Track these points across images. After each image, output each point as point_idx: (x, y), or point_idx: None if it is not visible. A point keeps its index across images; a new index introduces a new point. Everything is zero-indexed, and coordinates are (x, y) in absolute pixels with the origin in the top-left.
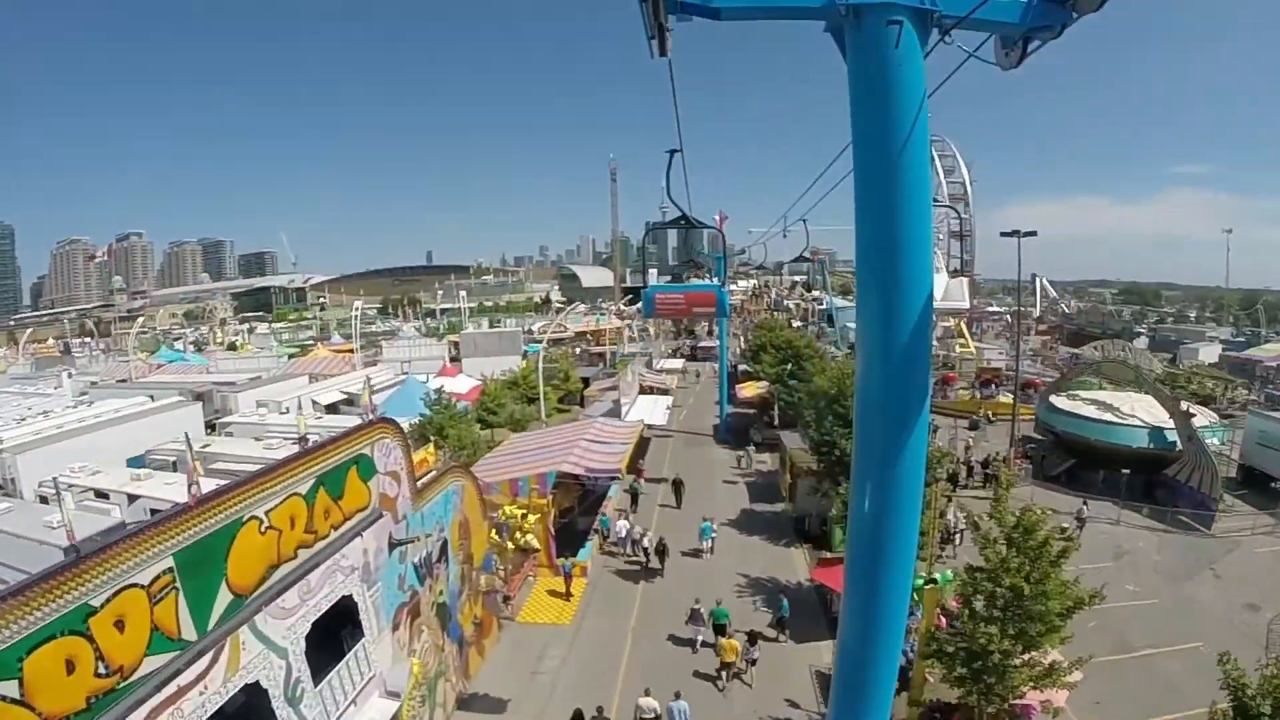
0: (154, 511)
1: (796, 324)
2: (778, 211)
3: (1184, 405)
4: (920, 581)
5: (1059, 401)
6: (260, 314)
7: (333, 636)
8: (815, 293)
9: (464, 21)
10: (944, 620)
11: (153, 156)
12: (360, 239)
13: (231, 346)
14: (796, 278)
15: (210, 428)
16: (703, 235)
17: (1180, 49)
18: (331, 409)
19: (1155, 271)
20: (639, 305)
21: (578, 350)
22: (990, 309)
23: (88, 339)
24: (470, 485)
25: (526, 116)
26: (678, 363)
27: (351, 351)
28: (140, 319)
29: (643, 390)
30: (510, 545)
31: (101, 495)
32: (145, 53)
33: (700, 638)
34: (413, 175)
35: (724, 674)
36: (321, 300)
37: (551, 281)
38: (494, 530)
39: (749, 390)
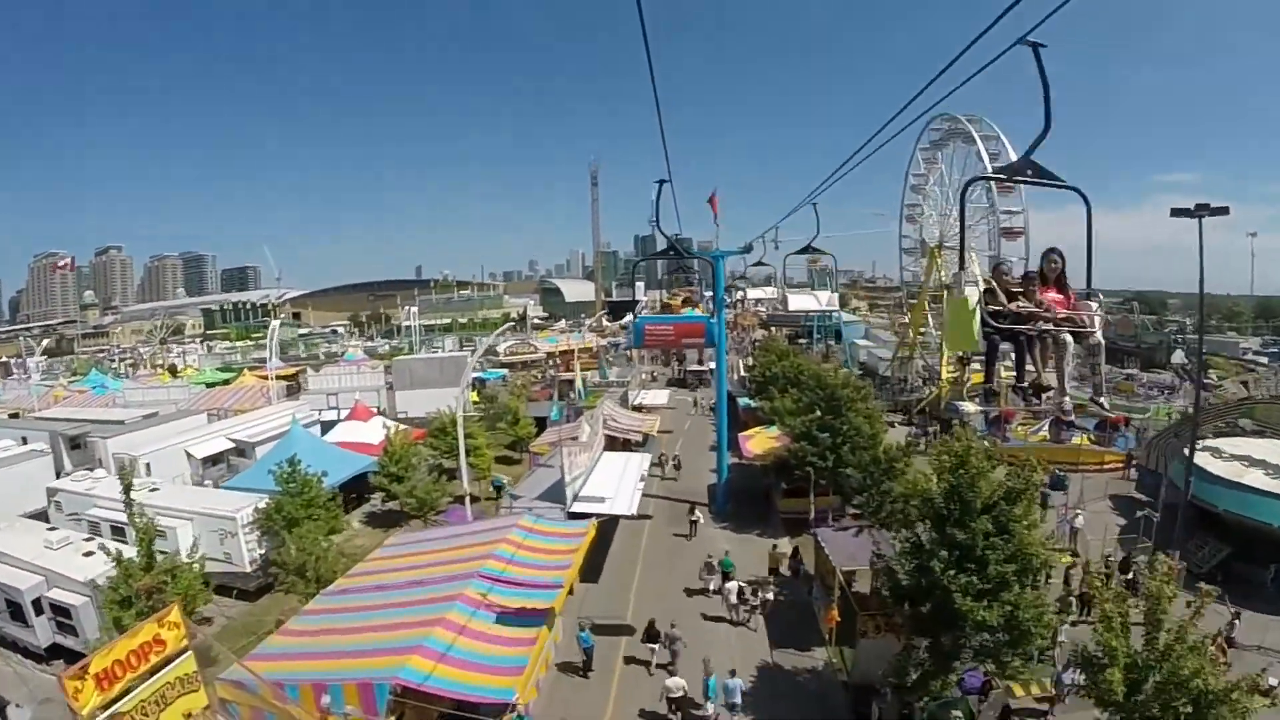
0: None
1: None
2: (774, 213)
3: None
4: None
5: (1210, 463)
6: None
7: None
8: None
9: (463, 38)
10: None
11: (141, 170)
12: (350, 255)
13: (172, 370)
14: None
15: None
16: (693, 248)
17: (1161, 59)
18: (214, 461)
19: (1146, 279)
20: (621, 321)
21: (545, 375)
22: None
23: (39, 358)
24: None
25: (520, 132)
26: (664, 393)
27: (287, 378)
28: (46, 340)
29: (611, 442)
30: None
31: None
32: (133, 64)
33: (712, 585)
34: (405, 190)
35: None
36: (282, 316)
37: (532, 295)
38: None
39: (760, 444)
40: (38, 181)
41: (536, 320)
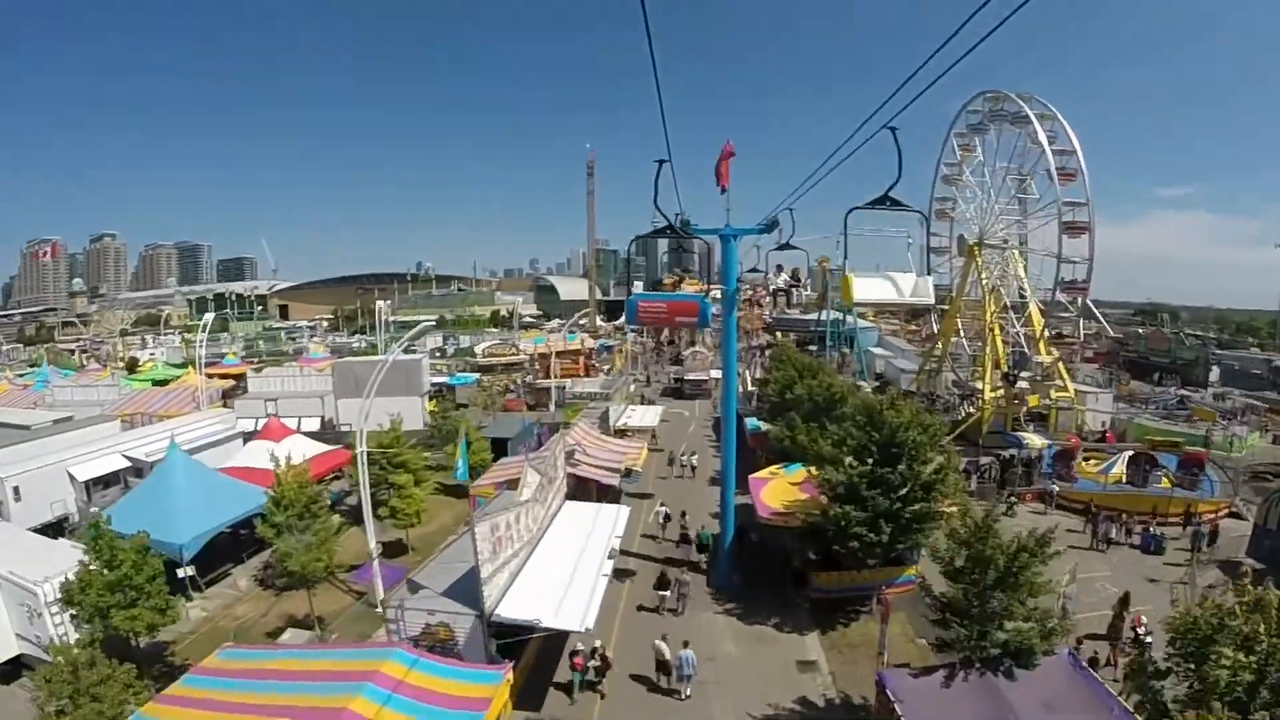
0: None
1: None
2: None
3: None
4: None
5: None
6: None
7: None
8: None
9: (475, 35)
10: None
11: (142, 159)
12: (352, 250)
13: (132, 365)
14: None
15: None
16: (694, 243)
17: (1158, 74)
18: (107, 483)
19: (1147, 291)
20: (616, 321)
21: (522, 382)
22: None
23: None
24: None
25: (525, 131)
26: (655, 410)
27: (236, 378)
28: None
29: (576, 490)
30: None
31: None
32: (135, 52)
33: (690, 557)
34: (409, 187)
35: None
36: (260, 309)
37: (526, 292)
38: None
39: (778, 494)
40: (37, 168)
41: (528, 318)
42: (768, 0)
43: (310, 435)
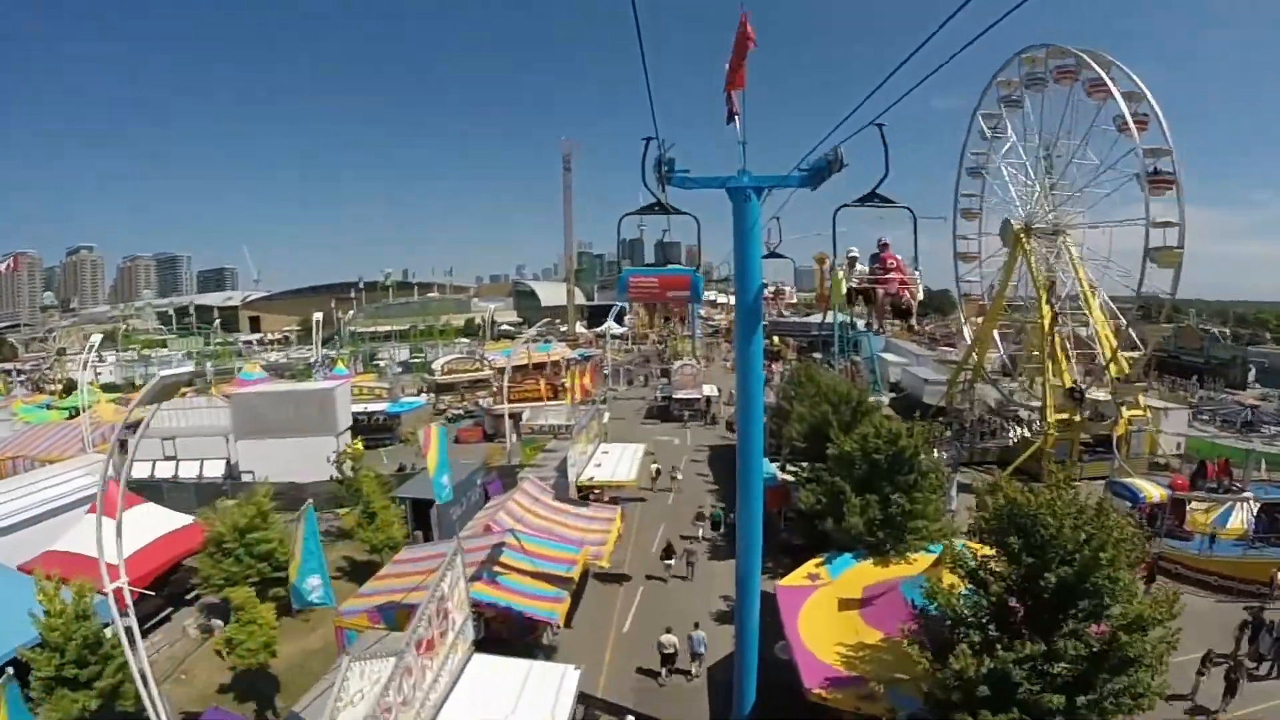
0: None
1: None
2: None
3: None
4: None
5: None
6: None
7: None
8: None
9: (465, 40)
10: None
11: (122, 170)
12: (340, 256)
13: (70, 387)
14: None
15: None
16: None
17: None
18: None
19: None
20: (599, 329)
21: (480, 403)
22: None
23: None
24: None
25: (509, 137)
26: (633, 450)
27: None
28: None
29: (496, 623)
30: None
31: None
32: (117, 62)
33: (701, 531)
34: (394, 194)
35: None
36: (218, 321)
37: (504, 298)
38: None
39: (828, 630)
40: (17, 181)
41: (506, 326)
42: None
43: (206, 485)
